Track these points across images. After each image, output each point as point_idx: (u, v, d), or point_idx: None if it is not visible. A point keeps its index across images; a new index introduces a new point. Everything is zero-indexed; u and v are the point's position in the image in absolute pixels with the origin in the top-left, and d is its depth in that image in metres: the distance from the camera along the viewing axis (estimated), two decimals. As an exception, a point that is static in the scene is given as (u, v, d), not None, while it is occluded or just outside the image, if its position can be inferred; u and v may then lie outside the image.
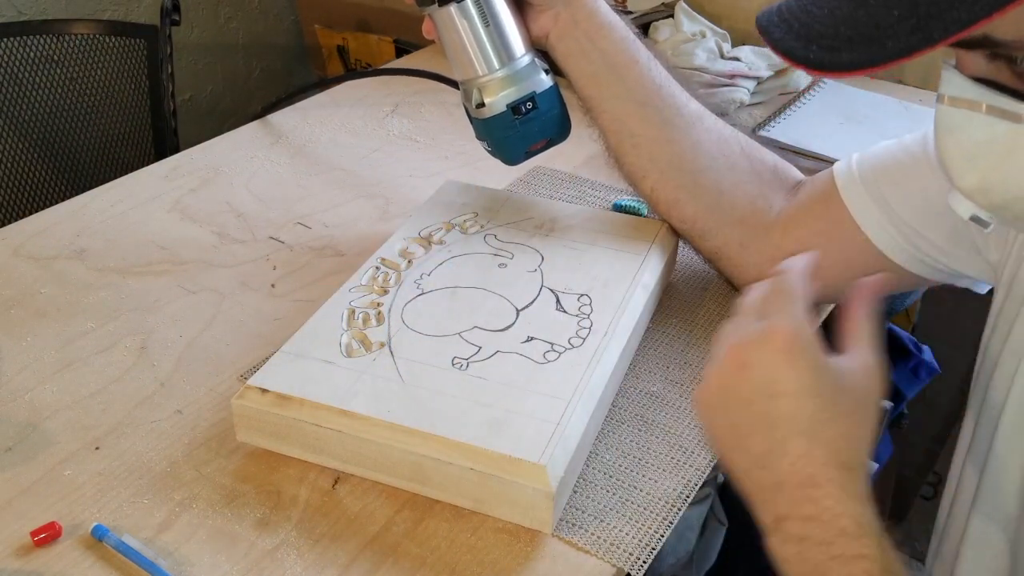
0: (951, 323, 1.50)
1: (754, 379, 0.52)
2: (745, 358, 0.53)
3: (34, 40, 1.50)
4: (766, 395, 0.52)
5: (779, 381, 0.51)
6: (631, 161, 0.80)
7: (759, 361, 0.52)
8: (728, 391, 0.53)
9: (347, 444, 0.63)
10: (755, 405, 0.52)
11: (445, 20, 0.75)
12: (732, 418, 0.53)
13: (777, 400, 0.51)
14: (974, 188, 0.55)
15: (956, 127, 0.54)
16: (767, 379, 0.52)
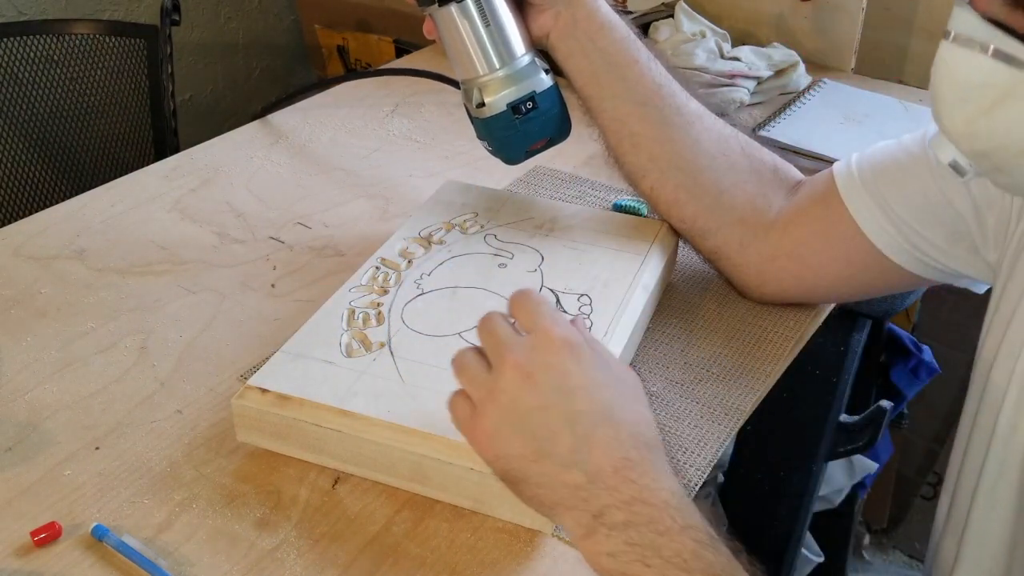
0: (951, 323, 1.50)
1: (544, 384, 0.52)
2: (529, 369, 0.52)
3: (34, 40, 1.50)
4: (561, 394, 0.52)
5: (570, 376, 0.52)
6: (631, 160, 0.80)
7: (544, 366, 0.52)
8: (519, 405, 0.52)
9: (347, 444, 0.63)
10: (552, 408, 0.52)
11: (446, 20, 0.75)
12: (529, 430, 0.52)
13: (573, 396, 0.52)
14: (960, 131, 0.55)
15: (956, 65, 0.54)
16: (558, 380, 0.52)
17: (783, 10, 1.29)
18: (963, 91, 0.54)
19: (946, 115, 0.55)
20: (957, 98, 0.54)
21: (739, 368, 0.76)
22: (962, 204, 0.69)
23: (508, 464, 0.53)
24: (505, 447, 0.53)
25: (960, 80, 0.54)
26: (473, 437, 0.55)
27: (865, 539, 1.72)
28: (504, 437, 0.53)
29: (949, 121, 0.55)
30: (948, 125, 0.56)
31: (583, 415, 0.52)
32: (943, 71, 0.55)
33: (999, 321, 0.66)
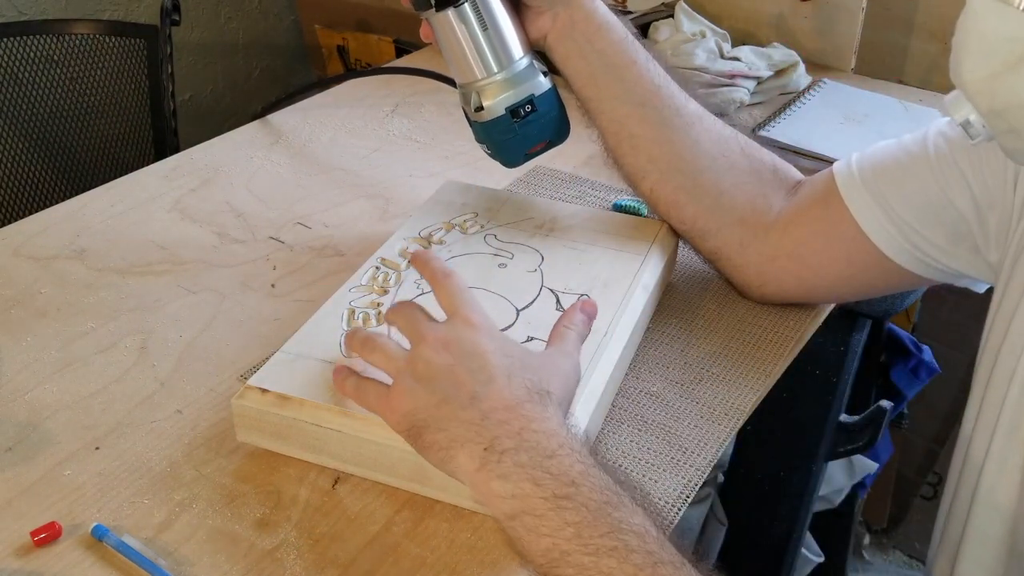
0: (951, 323, 1.50)
1: (458, 350, 0.57)
2: (446, 340, 0.57)
3: (34, 40, 1.50)
4: (470, 356, 0.56)
5: (479, 344, 0.57)
6: (630, 162, 0.80)
7: (459, 338, 0.57)
8: (432, 367, 0.56)
9: (347, 444, 0.63)
10: (460, 366, 0.56)
11: (443, 24, 0.75)
12: (438, 384, 0.56)
13: (479, 357, 0.56)
14: (980, 86, 0.54)
15: (984, 16, 0.53)
16: (470, 345, 0.57)
17: (783, 10, 1.29)
18: (990, 44, 0.53)
19: (969, 68, 0.55)
20: (982, 51, 0.54)
21: (739, 368, 0.76)
22: (963, 204, 0.69)
23: (414, 417, 0.56)
24: (412, 402, 0.56)
25: (989, 32, 0.53)
26: (384, 406, 0.58)
27: (865, 539, 1.72)
28: (412, 394, 0.56)
29: (971, 74, 0.55)
30: (969, 78, 0.55)
31: (485, 369, 0.56)
32: (971, 21, 0.54)
33: (1001, 321, 0.66)
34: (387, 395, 0.58)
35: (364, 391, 0.60)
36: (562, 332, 0.62)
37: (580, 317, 0.63)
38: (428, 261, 0.63)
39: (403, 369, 0.57)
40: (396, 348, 0.59)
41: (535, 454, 0.52)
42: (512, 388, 0.55)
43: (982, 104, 0.56)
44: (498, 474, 0.53)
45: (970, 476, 0.68)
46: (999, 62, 0.53)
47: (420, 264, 0.63)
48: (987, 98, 0.55)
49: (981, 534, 0.67)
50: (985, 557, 0.67)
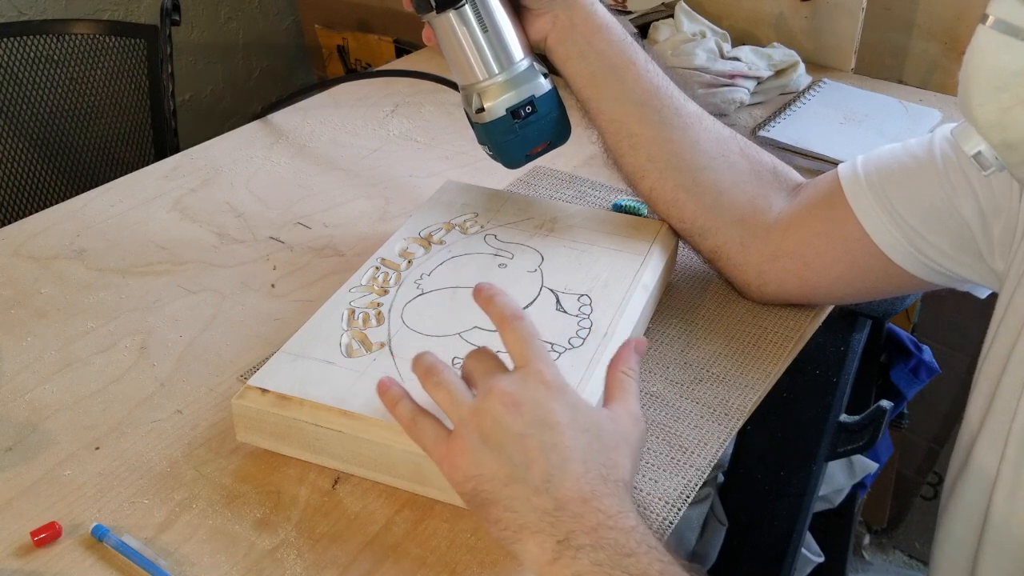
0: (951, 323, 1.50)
1: (529, 415, 0.53)
2: (516, 398, 0.54)
3: (34, 40, 1.50)
4: (543, 427, 0.53)
5: (552, 413, 0.54)
6: (630, 161, 0.80)
7: (530, 399, 0.54)
8: (501, 429, 0.53)
9: (347, 444, 0.63)
10: (532, 437, 0.53)
11: (444, 27, 0.75)
12: (506, 454, 0.53)
13: (553, 430, 0.53)
14: (991, 121, 0.54)
15: (992, 52, 0.53)
16: (542, 413, 0.54)
17: (783, 10, 1.29)
18: (1000, 78, 0.53)
19: (978, 103, 0.54)
20: (992, 86, 0.53)
21: (739, 368, 0.76)
22: (968, 212, 0.69)
23: (479, 485, 0.53)
24: (479, 468, 0.53)
25: (997, 68, 0.53)
26: (444, 456, 0.55)
27: (865, 539, 1.72)
28: (479, 457, 0.53)
29: (981, 109, 0.54)
30: (980, 114, 0.55)
31: (559, 448, 0.53)
32: (979, 58, 0.54)
33: (1007, 329, 0.66)
34: (447, 443, 0.55)
35: (420, 428, 0.57)
36: (621, 380, 0.59)
37: (636, 359, 0.61)
38: (493, 298, 0.58)
39: (468, 420, 0.54)
40: (462, 392, 0.56)
41: (613, 552, 0.50)
42: (588, 478, 0.52)
43: (994, 138, 0.55)
44: (573, 571, 0.50)
45: (979, 482, 0.68)
46: (1010, 96, 0.53)
47: (484, 301, 0.59)
48: (999, 131, 0.54)
49: (999, 542, 0.67)
50: (1004, 563, 0.67)
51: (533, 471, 0.52)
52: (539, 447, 0.53)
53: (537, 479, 0.52)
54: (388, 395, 0.59)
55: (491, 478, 0.53)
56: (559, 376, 0.56)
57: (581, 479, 0.52)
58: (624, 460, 0.55)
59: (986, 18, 0.53)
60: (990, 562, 0.67)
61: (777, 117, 1.14)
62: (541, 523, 0.52)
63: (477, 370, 0.57)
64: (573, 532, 0.51)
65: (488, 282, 0.59)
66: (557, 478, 0.52)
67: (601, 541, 0.51)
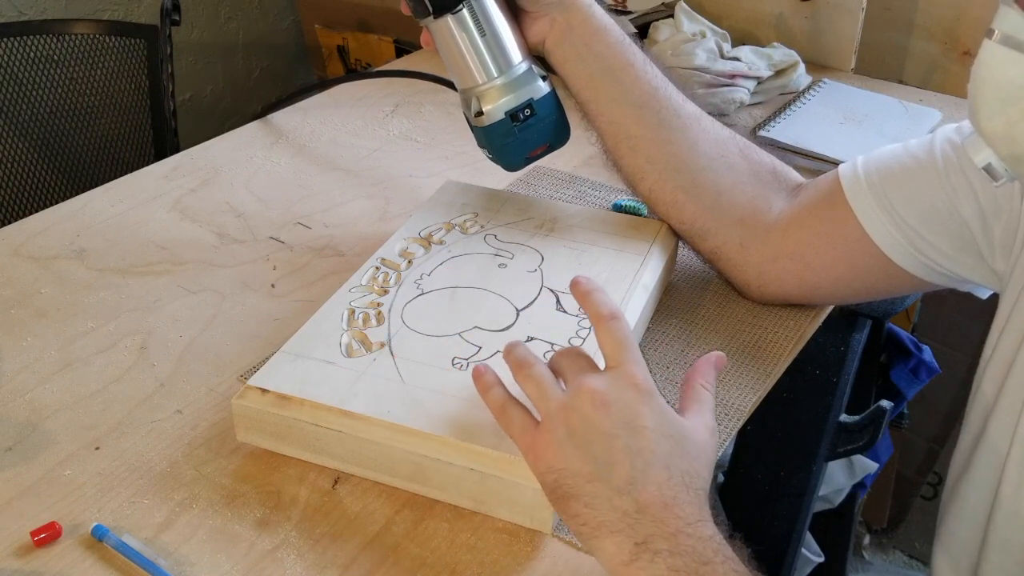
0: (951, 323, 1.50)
1: (617, 416, 0.53)
2: (605, 397, 0.54)
3: (34, 40, 1.50)
4: (629, 429, 0.53)
5: (640, 416, 0.54)
6: (629, 163, 0.80)
7: (619, 399, 0.54)
8: (588, 426, 0.53)
9: (347, 444, 0.63)
10: (618, 439, 0.53)
11: (442, 31, 0.75)
12: (592, 452, 0.53)
13: (639, 434, 0.53)
14: (999, 134, 0.54)
15: (998, 67, 0.53)
16: (629, 415, 0.54)
17: (783, 10, 1.29)
18: (1006, 92, 0.53)
19: (986, 117, 0.54)
20: (999, 100, 0.53)
21: (739, 368, 0.76)
22: (968, 212, 0.69)
23: (562, 478, 0.54)
24: (563, 461, 0.54)
25: (1004, 81, 0.53)
26: (529, 446, 0.55)
27: (865, 539, 1.72)
28: (565, 452, 0.54)
29: (988, 123, 0.54)
30: (987, 127, 0.55)
31: (644, 452, 0.53)
32: (985, 72, 0.54)
33: (1011, 330, 0.66)
34: (533, 434, 0.55)
35: (509, 415, 0.57)
36: (699, 393, 0.59)
37: (713, 373, 0.60)
38: (590, 294, 0.58)
39: (556, 415, 0.55)
40: (552, 386, 0.56)
41: (690, 559, 0.50)
42: (671, 484, 0.52)
43: (1003, 150, 0.55)
44: (649, 574, 0.51)
45: (984, 482, 0.68)
46: (1017, 110, 0.53)
47: (581, 296, 0.58)
48: (1007, 144, 0.54)
49: (1003, 543, 0.67)
50: (1008, 564, 0.67)
51: (617, 472, 0.52)
52: (625, 449, 0.53)
53: (620, 480, 0.52)
54: (481, 381, 0.59)
55: (574, 474, 0.53)
56: (649, 380, 0.56)
57: (664, 484, 0.52)
58: (704, 470, 0.55)
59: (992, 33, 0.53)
60: (993, 563, 0.67)
61: (777, 117, 1.14)
62: (620, 523, 0.52)
63: (568, 366, 0.57)
64: (652, 536, 0.51)
65: (585, 275, 0.59)
66: (640, 481, 0.52)
67: (679, 547, 0.51)
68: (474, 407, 0.62)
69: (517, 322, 0.71)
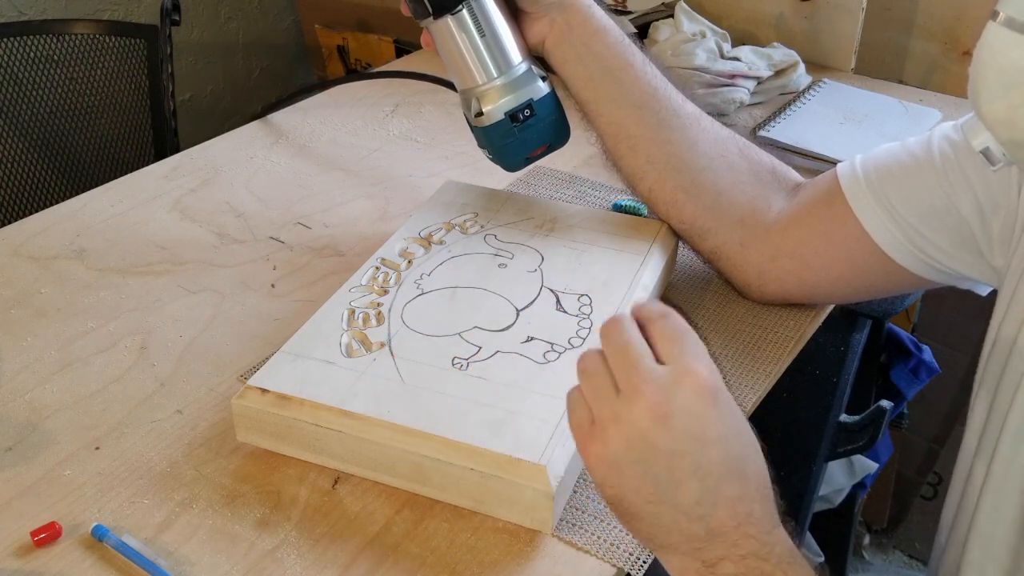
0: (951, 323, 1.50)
1: (680, 429, 0.48)
2: (666, 408, 0.47)
3: (34, 40, 1.50)
4: (697, 444, 0.48)
5: (708, 427, 0.48)
6: (629, 163, 0.80)
7: (683, 410, 0.48)
8: (648, 444, 0.48)
9: (347, 444, 0.63)
10: (683, 456, 0.48)
11: (442, 31, 0.75)
12: (653, 472, 0.48)
13: (708, 448, 0.48)
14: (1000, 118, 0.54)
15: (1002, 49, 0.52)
16: (696, 428, 0.48)
17: (783, 10, 1.29)
18: (1009, 76, 0.52)
19: (987, 100, 0.54)
20: (1001, 83, 0.53)
21: (739, 368, 0.76)
22: (967, 209, 0.69)
23: (623, 496, 0.50)
24: (623, 480, 0.49)
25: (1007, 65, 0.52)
26: (584, 448, 0.50)
27: (865, 539, 1.72)
28: (623, 470, 0.49)
29: (989, 107, 0.54)
30: (988, 111, 0.54)
31: (714, 467, 0.48)
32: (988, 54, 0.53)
33: (1009, 324, 0.66)
34: (589, 436, 0.50)
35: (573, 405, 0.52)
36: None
37: None
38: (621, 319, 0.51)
39: (608, 424, 0.49)
40: (606, 387, 0.49)
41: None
42: (744, 500, 0.49)
43: (1003, 135, 0.55)
44: None
45: (976, 478, 0.68)
46: (1019, 94, 0.52)
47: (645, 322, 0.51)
48: (1007, 129, 0.54)
49: (987, 536, 0.67)
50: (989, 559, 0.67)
51: (682, 493, 0.48)
52: (693, 467, 0.48)
53: (688, 502, 0.48)
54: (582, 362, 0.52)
55: (634, 492, 0.49)
56: (714, 373, 0.49)
57: (737, 503, 0.49)
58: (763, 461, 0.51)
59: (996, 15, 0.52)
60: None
61: (777, 117, 1.14)
62: (689, 547, 0.49)
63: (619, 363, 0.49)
64: (722, 560, 0.49)
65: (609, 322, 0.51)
66: (710, 502, 0.48)
67: (749, 571, 0.49)
68: (474, 407, 0.62)
69: (517, 322, 0.71)
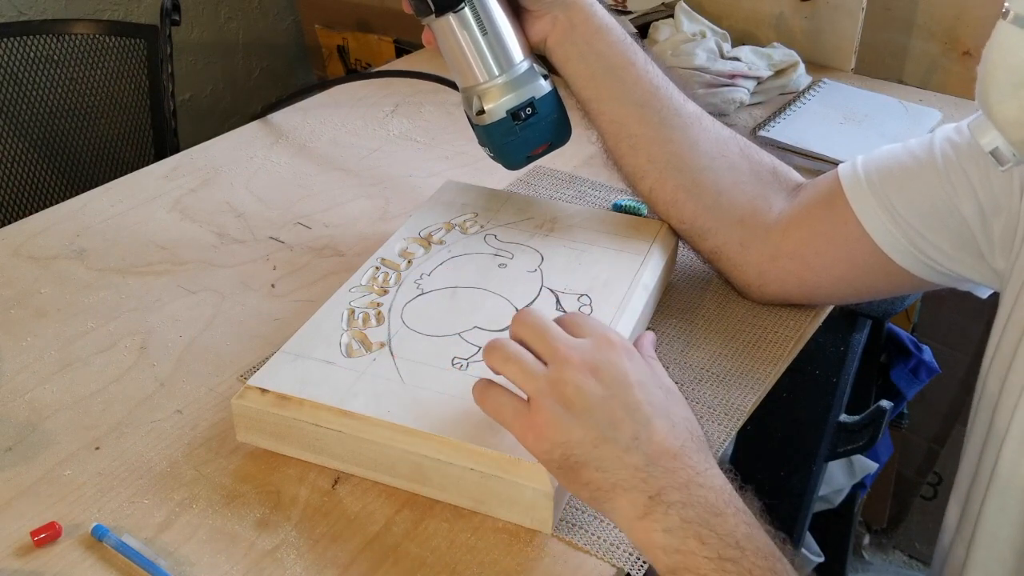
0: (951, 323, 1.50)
1: (607, 377, 0.54)
2: (593, 364, 0.54)
3: (34, 40, 1.50)
4: (623, 387, 0.54)
5: (629, 373, 0.55)
6: (629, 162, 0.80)
7: (607, 361, 0.55)
8: (583, 395, 0.53)
9: (347, 444, 0.63)
10: (614, 398, 0.54)
11: (443, 29, 0.75)
12: (593, 418, 0.53)
13: (632, 389, 0.54)
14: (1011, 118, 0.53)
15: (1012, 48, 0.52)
16: (619, 374, 0.54)
17: (783, 10, 1.29)
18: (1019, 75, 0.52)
19: (997, 100, 0.54)
20: (1012, 83, 0.52)
21: (739, 368, 0.76)
22: (968, 211, 0.69)
23: (568, 450, 0.53)
24: (565, 434, 0.53)
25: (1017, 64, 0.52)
26: (527, 429, 0.55)
27: (865, 539, 1.72)
28: (564, 425, 0.53)
29: (1000, 107, 0.54)
30: (999, 111, 0.54)
31: (642, 404, 0.54)
32: (998, 54, 0.53)
33: (1012, 327, 0.66)
34: (528, 416, 0.55)
35: (498, 403, 0.57)
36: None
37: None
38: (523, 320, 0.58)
39: (545, 391, 0.54)
40: (534, 364, 0.56)
41: (702, 510, 0.51)
42: (676, 432, 0.53)
43: (1014, 135, 0.55)
44: (664, 527, 0.51)
45: (982, 479, 0.68)
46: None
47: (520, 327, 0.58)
48: (1019, 129, 0.54)
49: (992, 537, 0.67)
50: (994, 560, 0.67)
51: (621, 430, 0.53)
52: (623, 406, 0.53)
53: (626, 437, 0.53)
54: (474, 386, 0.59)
55: (579, 443, 0.53)
56: (621, 336, 0.57)
57: (669, 434, 0.53)
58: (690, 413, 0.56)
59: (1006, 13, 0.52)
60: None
61: (777, 117, 1.14)
62: (633, 480, 0.52)
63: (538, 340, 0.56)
64: (664, 488, 0.52)
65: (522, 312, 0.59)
66: (645, 434, 0.53)
67: (691, 498, 0.51)
68: (474, 406, 0.62)
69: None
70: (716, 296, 0.84)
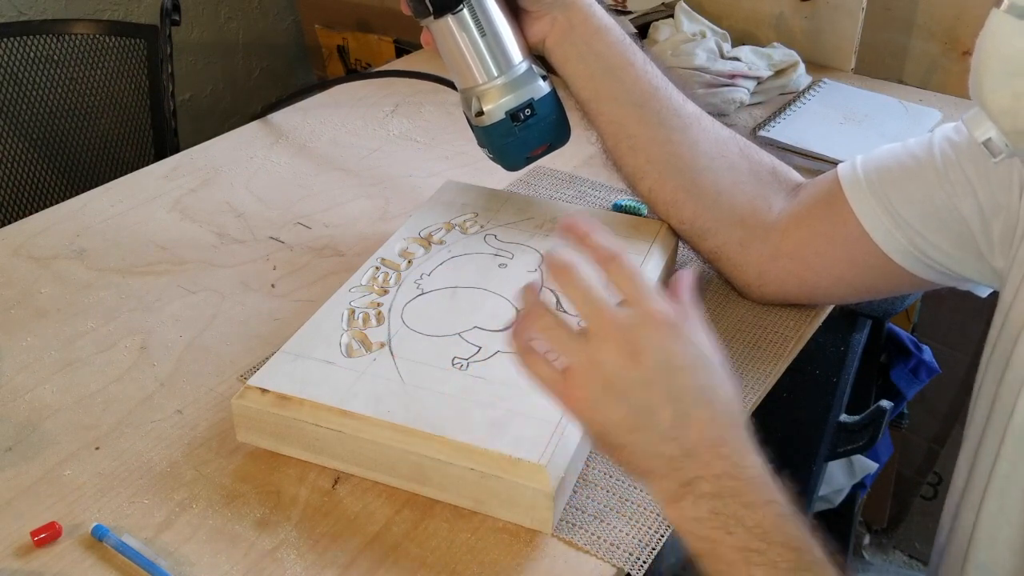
0: (951, 323, 1.50)
1: (649, 361, 0.52)
2: (636, 346, 0.52)
3: (34, 40, 1.50)
4: (665, 371, 0.52)
5: (675, 357, 0.52)
6: (629, 163, 0.80)
7: (650, 344, 0.52)
8: (623, 378, 0.52)
9: (347, 444, 0.63)
10: (655, 384, 0.52)
11: (442, 31, 0.75)
12: (630, 402, 0.52)
13: (676, 374, 0.52)
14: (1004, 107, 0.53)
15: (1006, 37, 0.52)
16: (663, 358, 0.52)
17: (783, 10, 1.29)
18: (1013, 64, 0.52)
19: (990, 89, 0.54)
20: (1005, 72, 0.52)
21: (739, 368, 0.75)
22: (968, 210, 0.69)
23: (605, 430, 0.53)
24: (604, 414, 0.53)
25: (1011, 53, 0.52)
26: (566, 398, 0.54)
27: (865, 539, 1.72)
28: (603, 405, 0.52)
29: (993, 96, 0.54)
30: (991, 100, 0.54)
31: (685, 392, 0.52)
32: (991, 43, 0.53)
33: (1010, 325, 0.66)
34: (564, 387, 0.53)
35: (536, 365, 0.55)
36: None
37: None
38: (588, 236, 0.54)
39: (584, 367, 0.53)
40: (571, 335, 0.53)
41: (732, 502, 0.51)
42: (716, 422, 0.52)
43: (1006, 124, 0.55)
44: (693, 516, 0.51)
45: (979, 479, 0.68)
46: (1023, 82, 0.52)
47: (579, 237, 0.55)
48: (1011, 118, 0.54)
49: (991, 538, 0.67)
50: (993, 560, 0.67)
51: (659, 418, 0.52)
52: (664, 394, 0.52)
53: (664, 426, 0.52)
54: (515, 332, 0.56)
55: (616, 425, 0.52)
56: (669, 309, 0.54)
57: (709, 424, 0.52)
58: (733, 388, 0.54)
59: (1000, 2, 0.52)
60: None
61: (777, 117, 1.14)
62: (667, 469, 0.52)
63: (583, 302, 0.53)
64: (697, 479, 0.51)
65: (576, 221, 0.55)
66: (684, 426, 0.52)
67: (723, 490, 0.51)
68: (474, 407, 0.62)
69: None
70: (716, 296, 0.84)
